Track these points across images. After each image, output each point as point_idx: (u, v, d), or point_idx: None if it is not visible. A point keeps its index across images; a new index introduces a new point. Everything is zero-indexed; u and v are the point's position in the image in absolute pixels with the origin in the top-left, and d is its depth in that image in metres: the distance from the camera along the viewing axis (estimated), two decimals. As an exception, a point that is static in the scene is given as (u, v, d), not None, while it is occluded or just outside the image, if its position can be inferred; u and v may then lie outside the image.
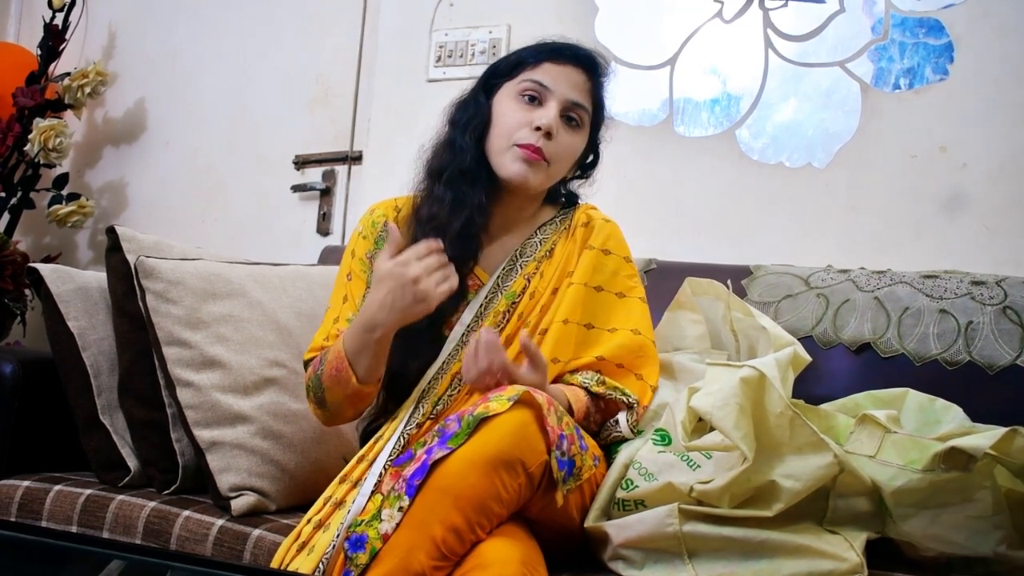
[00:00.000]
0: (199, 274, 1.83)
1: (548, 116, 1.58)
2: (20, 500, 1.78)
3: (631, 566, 1.43)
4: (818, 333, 1.90)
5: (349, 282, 1.64)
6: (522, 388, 1.36)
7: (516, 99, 1.61)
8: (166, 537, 1.65)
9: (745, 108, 2.34)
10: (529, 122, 1.59)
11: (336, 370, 1.50)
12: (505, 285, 1.65)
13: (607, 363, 1.62)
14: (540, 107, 1.60)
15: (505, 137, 1.60)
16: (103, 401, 1.86)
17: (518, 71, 1.63)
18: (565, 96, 1.61)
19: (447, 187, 1.62)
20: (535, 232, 1.70)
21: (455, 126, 1.66)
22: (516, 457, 1.31)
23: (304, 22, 2.98)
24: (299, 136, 2.94)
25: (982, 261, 2.01)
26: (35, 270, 1.91)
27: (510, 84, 1.63)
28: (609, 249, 1.69)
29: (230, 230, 3.00)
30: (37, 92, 2.99)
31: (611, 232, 1.71)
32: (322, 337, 1.61)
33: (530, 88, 1.60)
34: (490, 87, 1.67)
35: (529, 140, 1.58)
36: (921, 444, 1.44)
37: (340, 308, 1.63)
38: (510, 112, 1.61)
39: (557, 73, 1.61)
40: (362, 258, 1.65)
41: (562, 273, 1.67)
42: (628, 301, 1.68)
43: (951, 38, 2.15)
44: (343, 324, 1.59)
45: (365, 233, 1.68)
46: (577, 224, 1.71)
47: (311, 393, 1.58)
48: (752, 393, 1.40)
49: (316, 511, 1.45)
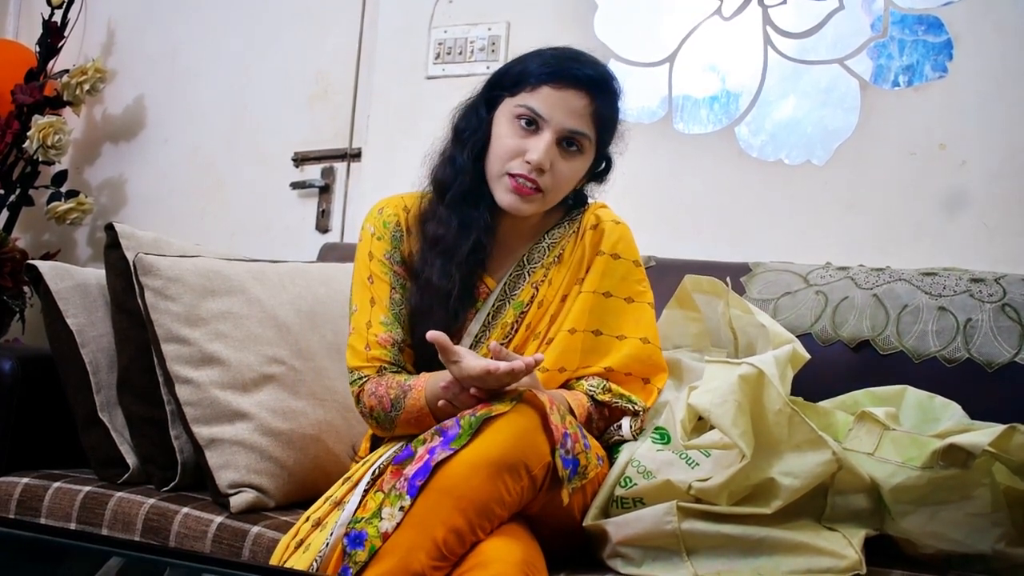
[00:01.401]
0: (198, 271, 1.83)
1: (539, 151, 1.53)
2: (19, 497, 1.78)
3: (630, 564, 1.43)
4: (817, 330, 1.90)
5: (372, 285, 1.61)
6: (524, 389, 1.36)
7: (512, 121, 1.56)
8: (165, 534, 1.65)
9: (744, 105, 2.34)
10: (522, 152, 1.54)
11: (418, 420, 1.49)
12: (513, 294, 1.64)
13: (616, 373, 1.61)
14: (535, 135, 1.55)
15: (499, 162, 1.57)
16: (102, 398, 1.86)
17: (518, 89, 1.57)
18: (561, 125, 1.54)
19: (451, 210, 1.60)
20: (543, 236, 1.68)
21: (457, 139, 1.63)
22: (519, 460, 1.31)
23: (304, 19, 2.97)
24: (298, 133, 2.93)
25: (981, 258, 2.00)
26: (34, 267, 1.91)
27: (510, 102, 1.58)
28: (619, 253, 1.66)
29: (229, 227, 2.99)
30: (36, 89, 2.99)
31: (621, 235, 1.68)
32: (362, 345, 1.57)
33: (525, 114, 1.55)
34: (492, 99, 1.62)
35: (521, 171, 1.54)
36: (920, 441, 1.44)
37: (370, 312, 1.60)
38: (506, 135, 1.57)
39: (555, 100, 1.54)
40: (381, 259, 1.63)
41: (572, 279, 1.65)
42: (638, 307, 1.65)
43: (950, 35, 2.15)
44: (378, 328, 1.57)
45: (379, 234, 1.64)
46: (586, 227, 1.68)
47: (374, 420, 1.56)
48: (751, 390, 1.40)
49: (315, 509, 1.46)
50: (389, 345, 1.57)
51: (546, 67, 1.56)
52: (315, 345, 1.89)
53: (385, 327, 1.58)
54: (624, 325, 1.63)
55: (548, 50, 1.60)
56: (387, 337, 1.57)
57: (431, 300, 1.58)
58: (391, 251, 1.63)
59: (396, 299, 1.61)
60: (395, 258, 1.63)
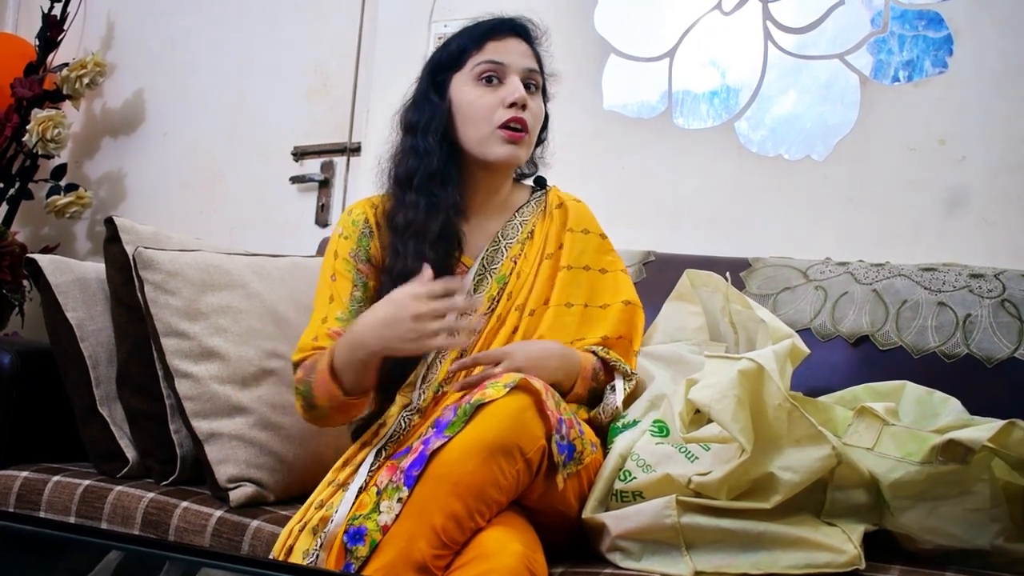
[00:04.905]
0: (197, 265, 1.83)
1: (518, 88, 1.61)
2: (19, 490, 1.78)
3: (629, 557, 1.43)
4: (816, 325, 1.90)
5: (334, 282, 1.63)
6: (519, 375, 1.37)
7: (475, 85, 1.63)
8: (164, 528, 1.65)
9: (744, 100, 2.34)
10: (501, 101, 1.60)
11: (322, 381, 1.50)
12: (493, 267, 1.67)
13: (611, 340, 1.67)
14: (502, 85, 1.62)
15: (484, 123, 1.61)
16: (101, 392, 1.86)
17: (464, 59, 1.64)
18: (521, 66, 1.63)
19: (419, 193, 1.62)
20: (514, 215, 1.72)
21: (413, 131, 1.66)
22: (513, 443, 1.32)
23: (303, 13, 2.97)
24: (298, 127, 2.93)
25: (981, 254, 2.00)
26: (33, 261, 1.91)
27: (461, 74, 1.65)
28: (588, 229, 1.76)
29: (228, 221, 2.99)
30: (35, 83, 2.98)
31: (583, 211, 1.78)
32: (310, 337, 1.59)
33: (487, 70, 1.62)
34: (438, 83, 1.67)
35: (510, 116, 1.60)
36: (919, 436, 1.44)
37: (327, 308, 1.61)
38: (476, 99, 1.62)
39: (504, 48, 1.63)
40: (346, 258, 1.64)
41: (541, 254, 1.70)
42: (613, 276, 1.74)
43: (950, 31, 2.14)
44: (332, 323, 1.59)
45: (346, 234, 1.66)
46: (552, 206, 1.75)
47: (301, 396, 1.56)
48: (750, 385, 1.40)
49: (318, 494, 1.48)
50: (339, 338, 1.55)
51: (478, 29, 1.66)
52: (315, 339, 1.88)
53: (340, 322, 1.58)
54: (604, 294, 1.71)
55: (467, 24, 1.69)
56: (339, 331, 1.57)
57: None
58: (356, 250, 1.65)
59: (356, 296, 1.62)
60: (360, 256, 1.64)
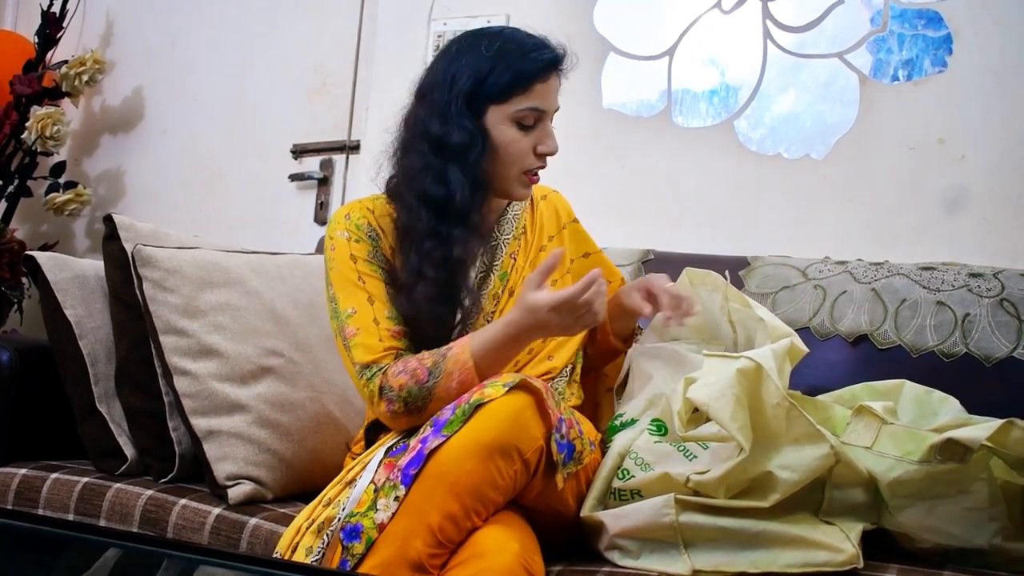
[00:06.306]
0: (196, 263, 1.83)
1: (553, 140, 1.61)
2: (17, 488, 1.78)
3: (627, 556, 1.43)
4: (815, 324, 1.90)
5: (365, 284, 1.57)
6: (519, 376, 1.37)
7: (512, 125, 1.58)
8: (163, 525, 1.66)
9: (743, 99, 2.34)
10: (532, 148, 1.60)
11: (460, 383, 1.45)
12: (494, 264, 1.66)
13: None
14: (536, 127, 1.59)
15: (514, 165, 1.60)
16: (100, 389, 1.86)
17: (508, 96, 1.57)
18: (555, 107, 1.63)
19: (452, 226, 1.57)
20: (506, 210, 1.72)
21: (441, 151, 1.58)
22: (511, 443, 1.32)
23: (303, 11, 2.97)
24: (297, 125, 2.93)
25: (979, 253, 2.01)
26: (32, 258, 1.91)
27: (501, 108, 1.57)
28: (575, 218, 1.83)
29: (228, 219, 2.99)
30: (34, 80, 2.98)
31: (565, 202, 1.84)
32: (375, 339, 1.53)
33: (528, 116, 1.58)
34: (475, 108, 1.59)
35: (538, 165, 1.61)
36: (918, 435, 1.44)
37: (371, 310, 1.55)
38: (513, 142, 1.58)
39: (546, 91, 1.59)
40: (366, 259, 1.59)
41: (535, 247, 1.72)
42: (596, 256, 1.83)
43: (950, 30, 2.14)
44: (387, 323, 1.54)
45: (356, 237, 1.60)
46: (537, 198, 1.78)
47: (405, 402, 1.47)
48: (749, 384, 1.40)
49: (328, 491, 1.46)
50: (401, 337, 1.54)
51: (529, 67, 1.57)
52: (313, 337, 1.88)
53: (393, 321, 1.55)
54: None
55: (512, 44, 1.58)
56: (399, 330, 1.54)
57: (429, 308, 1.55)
58: (373, 251, 1.59)
59: (391, 294, 1.57)
60: (379, 257, 1.59)
